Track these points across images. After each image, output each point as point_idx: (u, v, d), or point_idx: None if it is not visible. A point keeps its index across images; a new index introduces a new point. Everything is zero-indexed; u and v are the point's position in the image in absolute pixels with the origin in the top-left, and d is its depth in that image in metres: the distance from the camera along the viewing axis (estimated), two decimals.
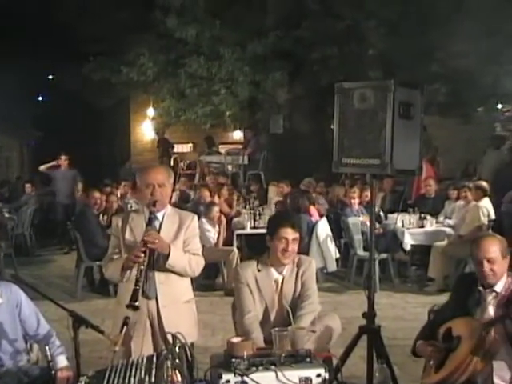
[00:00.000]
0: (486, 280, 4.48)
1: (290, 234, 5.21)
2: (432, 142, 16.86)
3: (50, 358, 4.62)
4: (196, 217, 5.31)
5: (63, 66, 20.84)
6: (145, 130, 23.64)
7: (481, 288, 4.53)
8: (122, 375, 3.54)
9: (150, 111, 22.11)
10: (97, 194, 11.43)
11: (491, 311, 4.47)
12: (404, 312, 9.32)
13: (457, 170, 18.67)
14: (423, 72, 14.84)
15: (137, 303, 4.56)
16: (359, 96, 4.93)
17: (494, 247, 4.48)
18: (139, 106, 23.13)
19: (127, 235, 5.04)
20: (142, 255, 4.70)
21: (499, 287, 4.49)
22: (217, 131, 20.87)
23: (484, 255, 4.46)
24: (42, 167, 15.77)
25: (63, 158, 15.64)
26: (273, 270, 5.30)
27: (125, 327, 4.33)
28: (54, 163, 15.60)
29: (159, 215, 5.07)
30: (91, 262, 10.55)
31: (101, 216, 11.57)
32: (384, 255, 10.64)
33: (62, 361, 4.76)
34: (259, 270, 5.30)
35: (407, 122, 4.88)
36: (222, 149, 20.14)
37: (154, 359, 3.68)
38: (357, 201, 11.60)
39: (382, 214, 11.66)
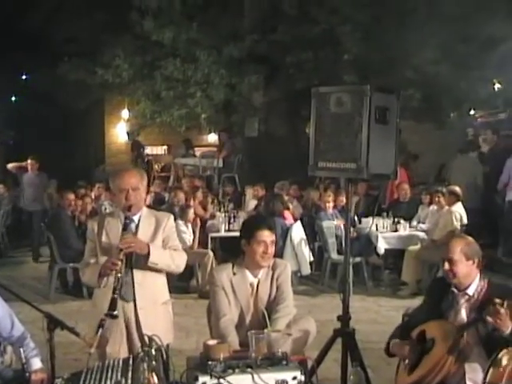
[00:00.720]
0: (448, 280, 4.54)
1: (268, 236, 5.22)
2: (407, 147, 17.00)
3: (24, 360, 4.59)
4: (172, 216, 5.34)
5: (37, 66, 20.67)
6: (119, 132, 23.54)
7: (454, 290, 4.57)
8: (97, 377, 3.53)
9: (125, 113, 22.03)
10: (71, 196, 11.37)
11: (464, 314, 4.51)
12: (377, 315, 9.38)
13: (430, 175, 18.82)
14: (398, 77, 14.93)
15: (115, 312, 4.56)
16: (336, 100, 4.96)
17: (456, 248, 4.53)
18: (114, 108, 23.03)
19: (103, 239, 5.04)
20: (119, 263, 4.70)
21: (472, 290, 4.53)
22: (192, 134, 20.82)
23: (446, 255, 4.53)
24: (10, 166, 15.36)
25: (30, 161, 14.90)
26: (248, 274, 5.31)
27: (100, 329, 4.32)
28: (22, 164, 15.14)
29: (135, 218, 5.08)
30: (65, 264, 10.51)
31: (75, 218, 11.51)
32: (358, 259, 10.70)
33: (36, 363, 4.72)
34: (234, 274, 5.30)
35: (383, 127, 4.92)
36: (197, 151, 20.11)
37: (131, 361, 3.68)
38: (331, 204, 11.64)
39: (356, 218, 11.72)
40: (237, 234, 11.09)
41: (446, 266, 4.51)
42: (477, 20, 13.66)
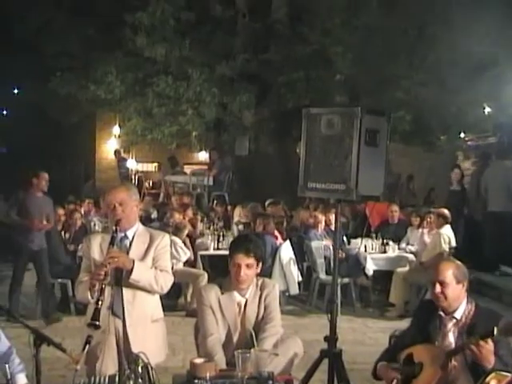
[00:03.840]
0: (437, 303, 4.54)
1: (241, 259, 5.16)
2: (393, 169, 17.08)
3: (9, 375, 4.55)
4: (167, 235, 5.35)
5: (29, 79, 20.69)
6: (110, 148, 23.56)
7: (441, 314, 4.58)
8: None
9: (116, 129, 22.05)
10: (60, 211, 11.34)
11: (451, 338, 4.51)
12: (364, 336, 9.38)
13: (419, 197, 18.90)
14: (388, 99, 15.02)
15: (97, 322, 4.55)
16: (326, 122, 5.00)
17: (448, 271, 4.54)
18: (105, 124, 23.09)
19: (97, 256, 5.04)
20: (103, 273, 4.70)
21: (459, 314, 4.53)
22: (182, 151, 20.87)
23: (437, 277, 4.53)
24: None
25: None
26: (235, 293, 5.29)
27: (87, 346, 4.31)
28: None
29: (129, 234, 5.11)
30: (53, 279, 10.45)
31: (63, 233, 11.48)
32: (346, 280, 10.71)
33: (21, 379, 4.69)
34: (222, 293, 5.29)
35: (373, 149, 4.95)
36: (188, 169, 20.13)
37: (117, 379, 3.67)
38: (323, 224, 11.63)
39: (344, 238, 11.74)
40: (226, 252, 11.13)
41: (438, 288, 4.51)
42: (467, 44, 13.77)
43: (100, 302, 4.67)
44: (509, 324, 4.01)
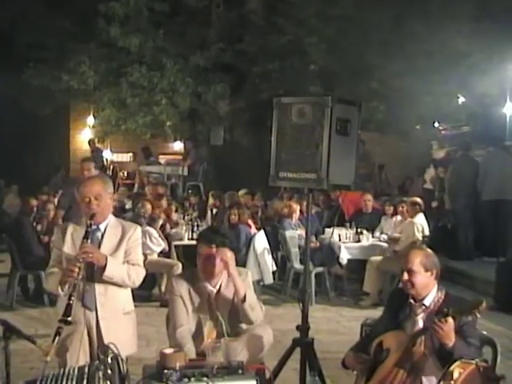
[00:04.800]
0: (406, 290, 4.58)
1: (203, 249, 5.20)
2: (371, 158, 17.15)
3: None
4: (139, 228, 5.31)
5: (2, 71, 20.47)
6: (84, 139, 23.40)
7: (412, 301, 4.61)
8: None
9: (90, 119, 21.91)
10: (33, 202, 11.27)
11: (421, 325, 4.54)
12: (338, 325, 9.42)
13: (394, 186, 18.99)
14: (363, 89, 15.06)
15: (69, 318, 4.53)
16: (297, 111, 4.99)
17: (416, 259, 4.56)
18: (79, 114, 22.93)
19: (68, 247, 5.01)
20: (77, 270, 4.67)
21: (428, 301, 4.56)
22: (157, 141, 20.80)
23: (405, 265, 4.56)
24: None
25: None
26: (206, 284, 5.28)
27: (57, 337, 4.29)
28: None
29: (101, 226, 5.08)
30: (26, 271, 10.39)
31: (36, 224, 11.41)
32: (320, 269, 10.74)
33: None
34: (193, 283, 5.29)
35: (344, 138, 4.95)
36: (162, 159, 20.07)
37: (86, 370, 3.65)
38: (298, 214, 11.64)
39: (319, 228, 11.77)
40: None
41: (405, 276, 4.54)
42: (442, 35, 13.84)
43: (72, 298, 4.64)
44: (462, 304, 4.07)
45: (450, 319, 4.10)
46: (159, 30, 16.36)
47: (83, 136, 23.54)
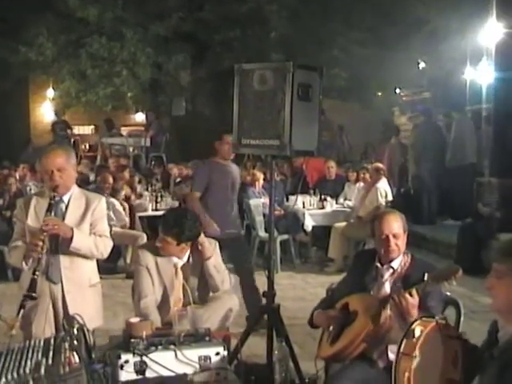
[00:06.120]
0: (391, 255, 4.55)
1: (171, 241, 5.24)
2: (332, 124, 17.19)
3: None
4: (103, 199, 5.27)
5: None
6: (45, 112, 23.15)
7: (378, 264, 4.62)
8: (18, 358, 3.46)
9: (50, 92, 21.65)
10: None
11: (387, 288, 4.55)
12: (304, 292, 9.46)
13: (356, 153, 19.09)
14: (324, 56, 15.06)
15: (34, 294, 4.50)
16: (259, 77, 4.95)
17: (397, 223, 4.57)
18: (39, 87, 22.61)
19: (31, 220, 4.94)
20: (41, 243, 4.63)
21: (396, 264, 4.57)
22: (119, 113, 20.62)
23: (390, 231, 4.54)
24: None
25: None
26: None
27: (22, 310, 4.26)
28: None
29: (65, 198, 5.00)
30: None
31: None
32: (285, 236, 10.79)
33: None
34: (160, 254, 5.28)
35: (306, 104, 4.92)
36: (124, 131, 19.93)
37: (52, 341, 3.63)
38: (259, 182, 11.64)
39: (283, 195, 11.79)
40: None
41: (392, 240, 4.52)
42: (402, 2, 13.86)
43: (37, 273, 4.61)
44: (438, 271, 4.07)
45: (415, 294, 4.11)
46: (118, 0, 16.14)
47: (43, 109, 23.26)
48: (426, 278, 4.02)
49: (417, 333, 3.51)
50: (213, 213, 7.42)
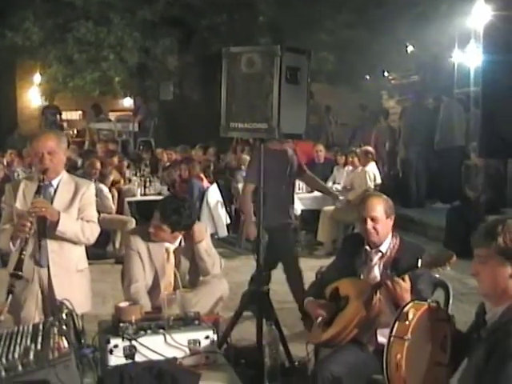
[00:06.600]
0: (369, 238, 4.57)
1: (167, 230, 5.24)
2: (321, 108, 17.19)
3: None
4: (92, 184, 5.29)
5: None
6: (32, 97, 23.04)
7: (367, 248, 4.62)
8: (6, 344, 3.45)
9: (37, 78, 21.54)
10: None
11: (376, 271, 4.56)
12: None
13: (345, 136, 19.09)
14: (312, 40, 15.02)
15: (20, 273, 4.49)
16: (247, 61, 4.92)
17: (378, 206, 4.56)
18: (26, 73, 22.48)
19: (19, 203, 4.94)
20: (28, 224, 4.62)
21: (384, 247, 4.57)
22: (106, 98, 20.56)
23: (368, 213, 4.54)
24: None
25: None
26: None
27: (10, 296, 4.25)
28: None
29: (54, 182, 5.01)
30: None
31: None
32: None
33: None
34: (151, 238, 5.28)
35: (294, 87, 4.91)
36: (112, 116, 19.88)
37: (41, 327, 3.62)
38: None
39: None
40: (153, 198, 11.07)
41: (370, 224, 4.52)
42: None
43: (24, 253, 4.61)
44: (432, 256, 4.07)
45: (407, 279, 4.12)
46: None
47: (30, 94, 23.16)
48: (419, 265, 4.02)
49: (410, 316, 3.51)
50: (265, 204, 7.05)
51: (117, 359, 3.75)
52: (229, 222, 11.30)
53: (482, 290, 3.19)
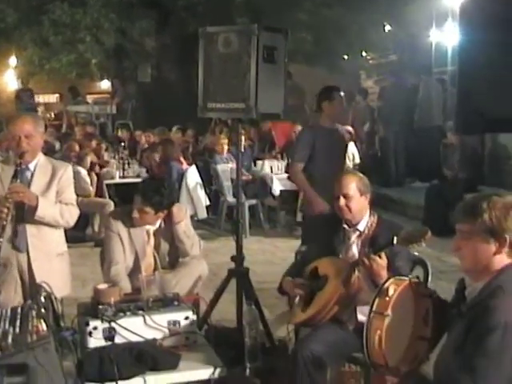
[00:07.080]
0: (342, 216, 4.57)
1: (148, 211, 5.19)
2: (300, 89, 17.15)
3: None
4: (70, 167, 5.24)
5: None
6: (8, 80, 22.87)
7: (345, 226, 4.62)
8: None
9: (13, 61, 21.36)
10: None
11: (355, 250, 4.56)
12: (273, 256, 9.49)
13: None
14: (289, 20, 14.97)
15: None
16: (223, 40, 4.90)
17: (351, 184, 4.55)
18: (1, 56, 22.29)
19: None
20: (6, 210, 4.60)
21: (362, 226, 4.57)
22: (84, 81, 20.43)
23: (340, 191, 4.54)
24: None
25: None
26: None
27: None
28: None
29: (31, 166, 4.96)
30: None
31: None
32: (253, 201, 10.80)
33: None
34: (131, 221, 5.25)
35: (271, 66, 4.90)
36: (90, 99, 19.77)
37: (19, 310, 3.61)
38: (226, 147, 11.61)
39: (251, 160, 11.79)
40: (131, 180, 11.03)
41: (342, 201, 4.52)
42: None
43: (1, 239, 4.59)
44: (407, 233, 4.07)
45: (384, 256, 4.13)
46: None
47: (6, 78, 22.98)
48: (394, 242, 4.02)
49: (390, 291, 3.51)
50: (317, 186, 6.74)
51: (96, 341, 3.76)
52: (208, 203, 11.28)
53: (464, 266, 3.20)
